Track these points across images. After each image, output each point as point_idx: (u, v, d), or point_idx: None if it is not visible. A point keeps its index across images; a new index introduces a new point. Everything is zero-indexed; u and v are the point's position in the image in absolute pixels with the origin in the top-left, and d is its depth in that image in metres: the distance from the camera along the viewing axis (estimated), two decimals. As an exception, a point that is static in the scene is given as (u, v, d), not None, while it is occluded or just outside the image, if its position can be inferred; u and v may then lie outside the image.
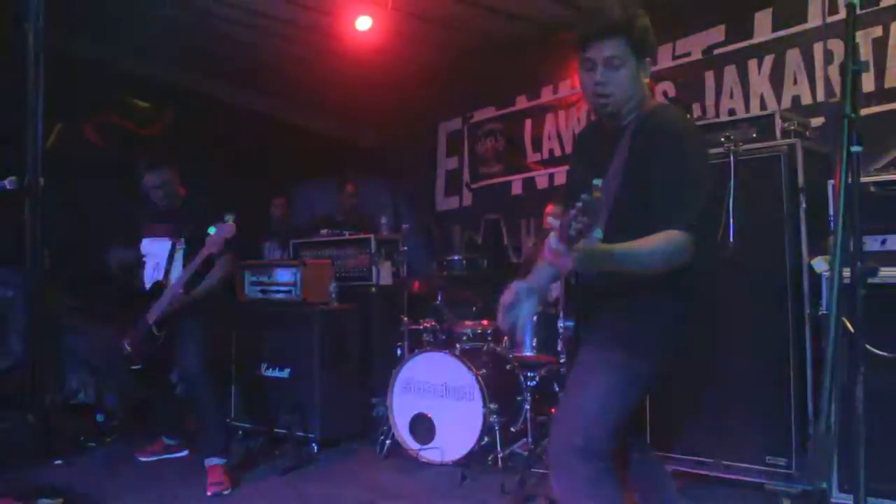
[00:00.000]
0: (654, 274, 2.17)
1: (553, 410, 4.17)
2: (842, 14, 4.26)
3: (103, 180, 6.01)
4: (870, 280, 1.71)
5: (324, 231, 6.25)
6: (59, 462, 4.74)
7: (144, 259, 4.69)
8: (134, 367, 4.59)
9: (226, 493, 4.18)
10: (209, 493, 4.14)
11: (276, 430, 4.97)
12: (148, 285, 4.61)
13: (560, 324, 2.58)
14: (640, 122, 2.34)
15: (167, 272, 4.55)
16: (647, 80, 2.39)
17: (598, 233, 1.89)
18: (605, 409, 2.28)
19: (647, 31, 2.35)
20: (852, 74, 1.64)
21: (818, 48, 4.78)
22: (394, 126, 8.26)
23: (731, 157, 3.73)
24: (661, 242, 2.15)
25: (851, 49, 1.74)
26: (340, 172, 7.22)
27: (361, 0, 5.78)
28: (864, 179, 3.21)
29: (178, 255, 4.55)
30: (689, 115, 4.44)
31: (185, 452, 4.93)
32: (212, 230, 4.26)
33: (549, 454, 2.40)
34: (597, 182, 1.83)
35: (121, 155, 6.65)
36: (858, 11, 1.74)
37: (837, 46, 4.42)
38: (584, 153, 2.63)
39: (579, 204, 1.81)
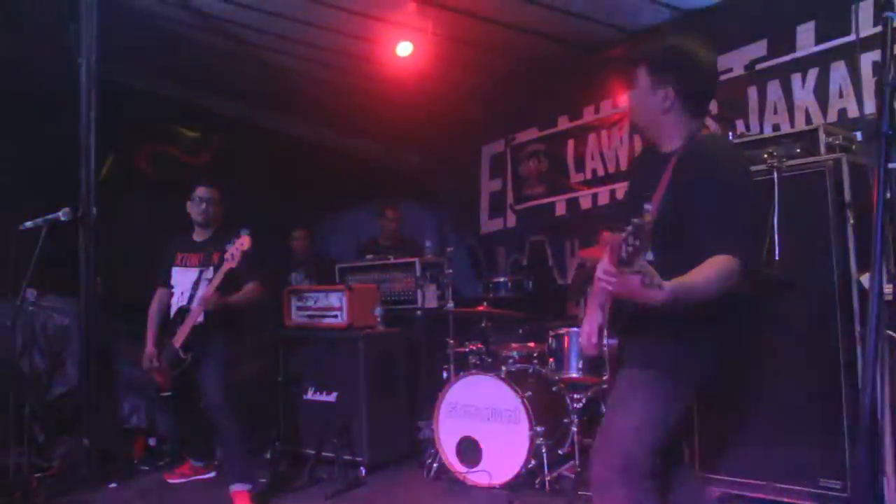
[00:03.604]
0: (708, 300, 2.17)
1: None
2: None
3: (154, 208, 6.16)
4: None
5: (369, 256, 6.31)
6: (113, 485, 4.84)
7: (173, 289, 4.80)
8: (164, 395, 4.74)
9: None
10: None
11: (323, 453, 5.00)
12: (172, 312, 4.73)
13: (604, 342, 2.58)
14: (685, 150, 2.37)
15: (191, 298, 4.63)
16: (664, 106, 2.41)
17: (648, 255, 1.90)
18: (645, 429, 2.30)
19: (667, 63, 2.41)
20: (889, 90, 1.61)
21: (865, 59, 4.69)
22: (437, 149, 8.33)
23: (776, 174, 3.68)
24: (713, 270, 2.14)
25: (890, 64, 1.71)
26: (384, 197, 7.27)
27: (402, 26, 5.84)
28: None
29: (203, 283, 4.60)
30: (731, 132, 4.40)
31: (212, 474, 5.06)
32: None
33: (590, 474, 2.42)
34: (648, 207, 1.89)
35: (170, 183, 6.84)
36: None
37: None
38: (637, 177, 2.70)
39: (630, 227, 1.83)
